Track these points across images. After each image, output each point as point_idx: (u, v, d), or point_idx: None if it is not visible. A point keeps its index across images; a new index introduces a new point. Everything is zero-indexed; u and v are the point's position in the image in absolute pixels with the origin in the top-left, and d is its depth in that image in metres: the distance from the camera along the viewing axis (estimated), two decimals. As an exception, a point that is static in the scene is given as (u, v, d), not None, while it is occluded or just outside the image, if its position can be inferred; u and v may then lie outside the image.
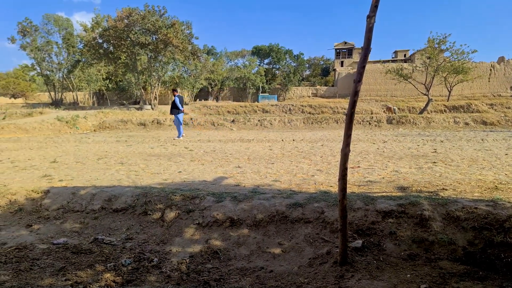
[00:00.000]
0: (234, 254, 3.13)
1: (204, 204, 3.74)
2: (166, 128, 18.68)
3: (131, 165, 6.87)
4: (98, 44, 25.73)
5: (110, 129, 18.36)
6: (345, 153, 2.51)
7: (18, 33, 29.37)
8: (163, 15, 24.93)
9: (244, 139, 12.32)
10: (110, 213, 3.88)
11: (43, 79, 34.80)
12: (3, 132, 14.96)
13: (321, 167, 6.38)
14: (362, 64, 2.47)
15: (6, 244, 3.31)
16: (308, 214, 3.39)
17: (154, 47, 24.66)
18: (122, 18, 23.62)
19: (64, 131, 16.88)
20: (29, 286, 2.52)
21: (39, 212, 3.96)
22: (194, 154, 8.38)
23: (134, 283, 2.60)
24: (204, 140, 12.33)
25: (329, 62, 67.49)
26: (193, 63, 31.00)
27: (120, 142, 11.74)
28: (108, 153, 8.62)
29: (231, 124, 19.60)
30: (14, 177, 5.55)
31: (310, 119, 20.22)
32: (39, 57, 30.85)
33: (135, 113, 22.83)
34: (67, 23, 31.15)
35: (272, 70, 48.51)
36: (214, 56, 45.82)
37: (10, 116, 20.03)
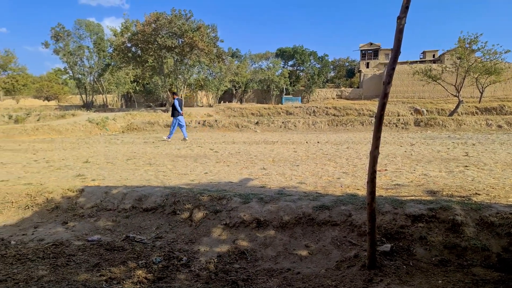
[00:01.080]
0: (261, 255, 3.16)
1: (231, 205, 3.79)
2: (191, 129, 18.99)
3: (159, 165, 7.05)
4: (126, 48, 26.52)
5: (137, 131, 18.87)
6: (374, 155, 2.49)
7: (52, 38, 30.74)
8: (189, 19, 25.41)
9: (268, 141, 12.35)
10: (141, 212, 4.00)
11: (75, 82, 36.23)
12: (38, 133, 15.69)
13: (347, 169, 6.32)
14: (391, 66, 2.45)
15: (43, 240, 3.48)
16: (335, 217, 3.37)
17: (180, 50, 25.15)
18: (150, 22, 24.25)
19: (95, 133, 17.49)
20: (66, 281, 2.64)
21: (74, 210, 4.14)
22: (219, 156, 8.49)
23: (164, 280, 2.68)
24: (228, 141, 12.45)
25: (354, 64, 66.56)
26: (218, 66, 31.40)
27: (147, 143, 12.05)
28: (136, 154, 8.88)
29: (255, 126, 19.69)
30: (50, 176, 5.82)
31: (334, 121, 20.02)
32: (71, 61, 32.14)
33: (162, 115, 23.34)
34: (98, 28, 32.32)
35: (296, 72, 48.37)
36: (239, 58, 46.18)
37: (44, 118, 20.97)
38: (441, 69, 26.50)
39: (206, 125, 19.64)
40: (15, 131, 15.36)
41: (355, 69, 64.02)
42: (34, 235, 3.59)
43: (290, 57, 48.21)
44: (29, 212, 4.18)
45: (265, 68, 45.53)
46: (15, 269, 2.87)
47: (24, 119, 20.99)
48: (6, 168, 6.81)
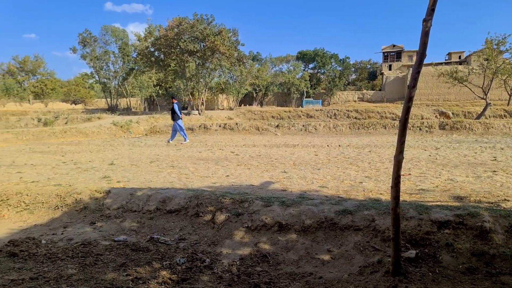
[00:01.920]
0: (283, 258, 3.17)
1: (253, 208, 3.82)
2: (212, 132, 19.18)
3: (181, 168, 7.16)
4: (150, 52, 27.11)
5: (160, 134, 19.22)
6: (399, 160, 2.46)
7: (79, 43, 31.82)
8: (211, 23, 25.73)
9: (288, 144, 12.33)
10: (164, 214, 4.09)
11: (101, 86, 37.34)
12: (66, 136, 16.24)
13: (369, 173, 6.23)
14: (417, 69, 2.42)
15: (72, 240, 3.61)
16: (358, 222, 3.34)
17: (202, 54, 25.49)
18: (173, 27, 24.71)
19: (119, 135, 17.95)
20: (94, 279, 2.73)
21: (102, 210, 4.27)
22: (240, 159, 8.54)
23: (188, 281, 2.72)
24: (249, 144, 12.51)
25: (376, 66, 65.52)
26: (239, 69, 31.61)
27: (170, 146, 12.26)
28: (159, 157, 9.05)
29: (276, 129, 19.68)
30: (78, 178, 6.02)
31: (356, 124, 19.75)
32: (98, 65, 33.16)
33: (184, 118, 23.66)
34: (123, 34, 33.21)
35: (317, 75, 48.08)
36: (259, 62, 46.33)
37: (71, 121, 21.70)
38: (468, 70, 25.71)
39: (227, 128, 19.78)
40: (44, 134, 15.95)
41: (377, 71, 62.98)
42: (64, 234, 3.73)
43: (311, 59, 47.97)
44: (59, 212, 4.35)
45: (286, 71, 45.48)
46: (45, 267, 2.99)
47: (53, 122, 21.78)
48: (36, 169, 7.09)
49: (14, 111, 27.25)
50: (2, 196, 4.81)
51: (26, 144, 13.41)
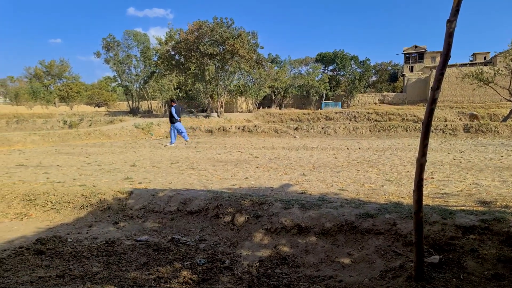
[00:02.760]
0: (303, 261, 3.16)
1: (272, 210, 3.83)
2: (231, 135, 19.31)
3: (201, 170, 7.25)
4: (170, 56, 27.58)
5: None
6: (421, 163, 2.42)
7: (103, 48, 32.73)
8: (230, 26, 25.94)
9: (307, 147, 12.27)
10: (185, 215, 4.15)
11: (123, 90, 38.25)
12: (90, 138, 16.72)
13: (390, 177, 6.13)
14: (440, 71, 2.37)
15: (97, 239, 3.72)
16: (379, 225, 3.30)
17: (221, 57, 25.72)
18: (193, 31, 25.06)
19: (140, 137, 18.32)
20: (118, 278, 2.80)
21: (124, 211, 4.37)
22: (259, 161, 8.56)
23: (209, 282, 2.76)
24: (268, 147, 12.52)
25: (397, 68, 64.40)
26: (258, 72, 31.69)
27: (189, 148, 12.42)
28: (179, 158, 9.18)
29: (294, 132, 19.62)
30: (101, 179, 6.19)
31: (376, 127, 19.46)
32: (120, 69, 33.99)
33: (203, 121, 23.96)
34: (145, 38, 33.95)
35: (336, 77, 47.65)
36: (278, 64, 46.32)
37: (95, 123, 22.31)
38: (493, 72, 24.92)
39: (245, 131, 19.87)
40: (69, 136, 16.47)
41: (398, 73, 61.87)
42: (89, 233, 3.84)
43: (330, 62, 47.57)
44: (84, 212, 4.48)
45: (305, 73, 45.29)
46: (71, 265, 3.08)
47: (77, 124, 22.46)
48: (62, 170, 7.33)
49: (40, 114, 28.25)
50: (30, 195, 5.00)
51: (52, 146, 13.87)
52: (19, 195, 5.02)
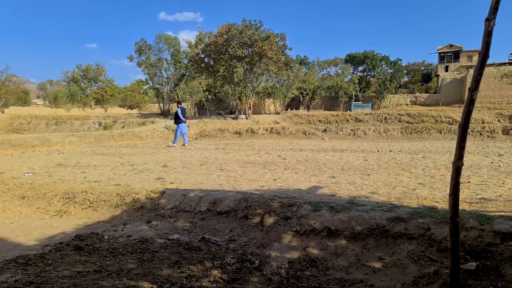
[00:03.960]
0: (332, 264, 3.13)
1: (301, 212, 3.82)
2: (259, 136, 19.38)
3: (229, 171, 7.33)
4: (200, 59, 28.05)
5: (209, 137, 19.79)
6: (458, 166, 2.35)
7: (135, 52, 33.77)
8: (259, 28, 26.04)
9: (336, 149, 12.11)
10: (215, 215, 4.22)
11: (154, 92, 39.30)
12: (123, 139, 17.31)
13: (423, 180, 5.95)
14: (479, 71, 2.29)
15: (131, 236, 3.86)
16: (412, 230, 3.21)
17: (250, 60, 25.86)
18: (222, 33, 25.36)
19: (171, 139, 18.75)
20: (151, 275, 2.90)
21: (157, 210, 4.51)
22: (287, 163, 8.55)
23: (238, 282, 2.79)
24: (296, 149, 12.47)
25: (431, 67, 62.18)
26: (286, 74, 31.62)
27: (218, 149, 12.58)
28: (209, 160, 9.33)
29: (323, 134, 19.41)
30: (135, 179, 6.40)
31: (408, 129, 18.89)
32: (152, 72, 34.97)
33: (231, 122, 24.19)
34: (175, 41, 34.74)
35: (366, 78, 46.67)
36: (307, 65, 45.98)
37: (128, 125, 23.07)
38: (536, 70, 23.55)
39: (273, 132, 19.88)
40: (104, 137, 17.13)
41: (432, 73, 59.71)
42: (123, 231, 3.99)
43: (360, 62, 46.63)
44: (119, 210, 4.66)
45: (334, 75, 44.66)
46: (108, 261, 3.22)
47: (112, 126, 23.32)
48: (98, 170, 7.65)
49: (77, 116, 29.58)
50: (69, 194, 5.26)
51: (89, 146, 14.49)
52: (59, 193, 5.30)
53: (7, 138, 14.70)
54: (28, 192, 5.54)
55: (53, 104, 52.42)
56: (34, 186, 5.70)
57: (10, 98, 50.28)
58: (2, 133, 21.40)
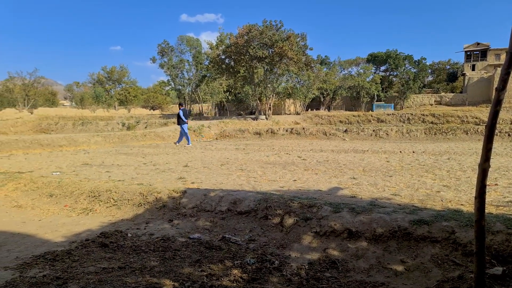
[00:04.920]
0: (353, 266, 3.11)
1: (321, 213, 3.80)
2: (279, 137, 19.35)
3: (250, 171, 7.37)
4: (221, 60, 28.29)
5: (229, 138, 19.93)
6: (484, 168, 2.28)
7: (158, 53, 34.41)
8: (280, 29, 26.01)
9: (357, 150, 11.95)
10: (235, 215, 4.26)
11: (176, 93, 39.91)
12: (146, 139, 17.68)
13: (448, 182, 5.79)
14: (506, 70, 2.22)
15: (154, 235, 3.94)
16: (436, 233, 3.14)
17: (270, 60, 25.87)
18: (243, 34, 25.49)
19: (192, 139, 19.00)
20: (173, 272, 2.96)
21: (178, 209, 4.59)
22: (307, 164, 8.51)
23: (258, 281, 2.81)
24: (316, 149, 12.39)
25: (457, 66, 60.34)
26: (306, 74, 31.45)
27: (238, 150, 12.66)
28: (229, 160, 9.41)
29: (344, 134, 19.19)
30: (157, 178, 6.53)
31: (433, 129, 18.42)
32: (173, 74, 35.54)
33: (251, 123, 24.27)
34: (197, 43, 35.18)
35: (389, 78, 45.78)
36: (327, 65, 45.55)
37: (150, 126, 23.54)
38: None
39: (293, 133, 19.81)
40: (127, 137, 17.55)
41: (458, 72, 57.95)
42: (146, 229, 4.09)
43: (383, 62, 45.78)
44: (142, 209, 4.78)
45: (355, 74, 44.05)
46: (131, 258, 3.31)
47: (134, 126, 23.86)
48: (121, 169, 7.84)
49: (102, 117, 30.42)
50: (94, 192, 5.43)
51: (113, 146, 14.88)
52: (85, 192, 5.47)
53: (36, 138, 15.29)
54: (56, 190, 5.75)
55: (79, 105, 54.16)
56: (61, 184, 5.91)
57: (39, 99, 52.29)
58: (31, 133, 22.28)
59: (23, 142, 14.08)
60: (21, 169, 7.99)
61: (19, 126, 24.68)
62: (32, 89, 48.70)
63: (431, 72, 58.78)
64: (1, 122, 24.88)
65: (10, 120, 25.85)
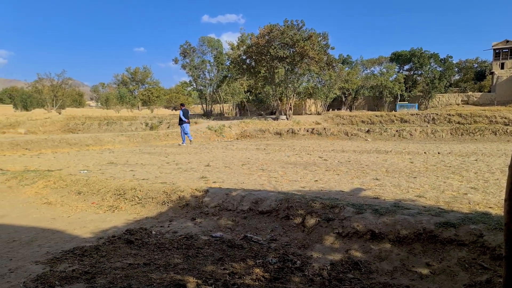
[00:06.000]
0: (376, 268, 3.07)
1: (344, 214, 3.77)
2: (300, 137, 19.27)
3: (270, 171, 7.38)
4: (242, 60, 28.40)
5: (250, 138, 20.00)
6: (514, 170, 2.21)
7: (180, 54, 34.90)
8: (301, 29, 25.87)
9: (380, 150, 11.74)
10: (257, 215, 4.29)
11: (197, 93, 40.38)
12: (168, 139, 18.00)
13: (475, 184, 5.62)
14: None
15: (177, 232, 4.03)
16: (463, 236, 3.07)
17: (291, 60, 25.77)
18: (264, 34, 25.50)
19: (213, 139, 19.21)
20: (196, 270, 3.02)
21: (201, 208, 4.67)
22: (328, 164, 8.44)
23: (280, 281, 2.83)
24: (337, 150, 12.26)
25: (485, 65, 58.25)
26: (328, 73, 31.13)
27: (259, 150, 12.69)
28: (250, 160, 9.45)
29: (366, 135, 18.90)
30: (179, 177, 6.64)
31: (459, 130, 17.88)
32: (195, 74, 35.96)
33: (272, 123, 24.26)
34: (218, 44, 35.46)
35: (413, 77, 44.70)
36: (349, 65, 44.96)
37: (172, 126, 23.92)
38: None
39: (314, 133, 19.68)
40: (150, 137, 17.91)
41: (486, 71, 55.92)
42: (170, 227, 4.18)
43: (407, 61, 44.69)
44: (165, 207, 4.88)
45: (378, 74, 43.26)
46: (156, 255, 3.39)
47: (157, 126, 24.33)
48: (145, 168, 8.02)
49: (126, 117, 31.14)
50: (120, 190, 5.59)
51: (136, 146, 15.23)
52: (111, 190, 5.64)
53: (64, 137, 15.84)
54: (83, 188, 5.96)
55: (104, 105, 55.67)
56: (89, 182, 6.11)
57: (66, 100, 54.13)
58: (60, 133, 23.10)
59: (51, 141, 14.62)
60: (50, 167, 8.31)
61: (48, 126, 25.63)
62: (60, 90, 50.47)
63: (458, 70, 56.98)
64: (31, 122, 25.91)
65: (40, 120, 26.87)
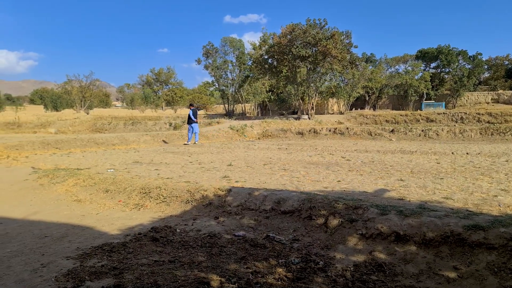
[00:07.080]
0: (401, 270, 3.02)
1: (368, 215, 3.73)
2: (322, 137, 19.10)
3: (292, 171, 7.37)
4: (264, 60, 28.42)
5: (271, 137, 20.00)
6: (548, 172, 2.13)
7: (203, 55, 35.32)
8: (323, 27, 25.63)
9: (405, 151, 11.49)
10: (279, 214, 4.30)
11: (220, 93, 40.75)
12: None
13: (506, 186, 5.42)
14: None
15: (200, 231, 4.09)
16: (492, 240, 2.97)
17: (313, 59, 25.57)
18: (286, 34, 25.42)
19: (235, 139, 19.33)
20: (219, 268, 3.06)
21: (224, 207, 4.73)
22: (351, 164, 8.35)
23: (303, 281, 2.83)
24: (361, 150, 12.08)
25: (516, 61, 55.74)
26: (351, 72, 30.69)
27: (281, 149, 12.68)
28: (272, 160, 9.47)
29: (390, 134, 18.51)
30: (202, 177, 6.74)
31: (489, 130, 17.21)
32: (218, 74, 36.31)
33: (294, 123, 24.16)
34: (240, 44, 35.65)
35: (440, 75, 43.36)
36: (373, 63, 44.12)
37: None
38: None
39: (336, 133, 19.45)
40: (174, 137, 18.23)
41: (518, 67, 53.54)
42: (193, 226, 4.25)
43: (433, 58, 43.39)
44: (189, 206, 4.97)
45: (403, 72, 42.24)
46: (180, 253, 3.46)
47: (181, 126, 24.68)
48: (169, 167, 8.18)
49: (150, 117, 31.79)
50: (145, 189, 5.73)
51: (160, 145, 15.54)
52: (137, 188, 5.80)
53: (92, 137, 16.36)
54: (111, 186, 6.15)
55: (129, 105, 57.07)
56: (116, 181, 6.30)
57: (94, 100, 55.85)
58: (88, 133, 23.86)
59: (80, 140, 15.14)
60: (79, 166, 8.61)
61: (76, 125, 26.54)
62: (88, 91, 52.14)
63: (488, 68, 54.82)
64: (61, 122, 26.90)
65: (69, 120, 27.87)
